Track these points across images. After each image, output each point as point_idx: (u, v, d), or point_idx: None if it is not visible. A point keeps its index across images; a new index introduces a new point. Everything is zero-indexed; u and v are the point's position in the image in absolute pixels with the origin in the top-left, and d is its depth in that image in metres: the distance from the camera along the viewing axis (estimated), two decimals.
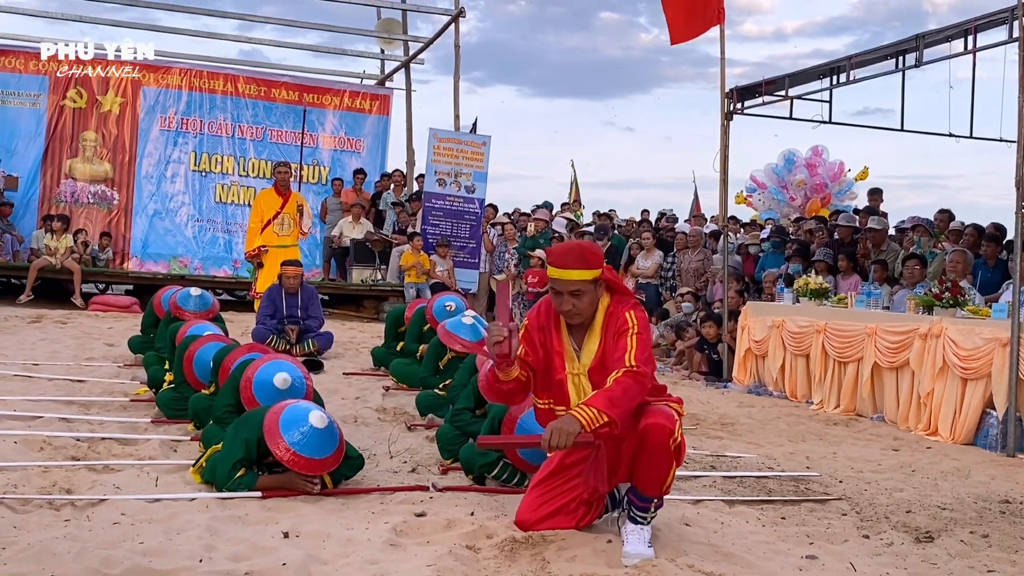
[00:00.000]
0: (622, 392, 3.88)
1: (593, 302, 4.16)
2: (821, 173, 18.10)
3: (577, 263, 4.11)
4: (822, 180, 18.00)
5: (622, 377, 3.92)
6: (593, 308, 4.18)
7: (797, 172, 18.08)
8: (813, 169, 18.11)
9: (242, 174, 18.15)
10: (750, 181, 19.25)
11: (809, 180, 17.92)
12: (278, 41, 20.70)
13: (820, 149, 18.41)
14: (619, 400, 3.87)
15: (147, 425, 6.43)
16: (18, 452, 5.33)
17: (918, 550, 4.50)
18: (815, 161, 18.25)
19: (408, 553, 3.92)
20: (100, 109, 17.42)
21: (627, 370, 3.93)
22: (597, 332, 4.19)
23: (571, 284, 4.11)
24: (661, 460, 3.99)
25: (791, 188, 18.05)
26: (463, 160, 16.29)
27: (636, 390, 3.93)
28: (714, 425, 7.92)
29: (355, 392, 8.30)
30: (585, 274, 4.10)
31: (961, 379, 7.70)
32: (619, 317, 4.12)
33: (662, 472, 4.03)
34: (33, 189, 16.99)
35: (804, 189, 17.92)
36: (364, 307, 16.04)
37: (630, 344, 4.00)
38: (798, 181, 17.88)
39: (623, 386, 3.90)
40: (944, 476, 6.33)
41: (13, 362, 8.73)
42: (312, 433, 4.69)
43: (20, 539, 3.80)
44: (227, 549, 3.83)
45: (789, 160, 18.34)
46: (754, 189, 19.17)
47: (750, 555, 4.16)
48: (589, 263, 4.12)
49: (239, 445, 4.79)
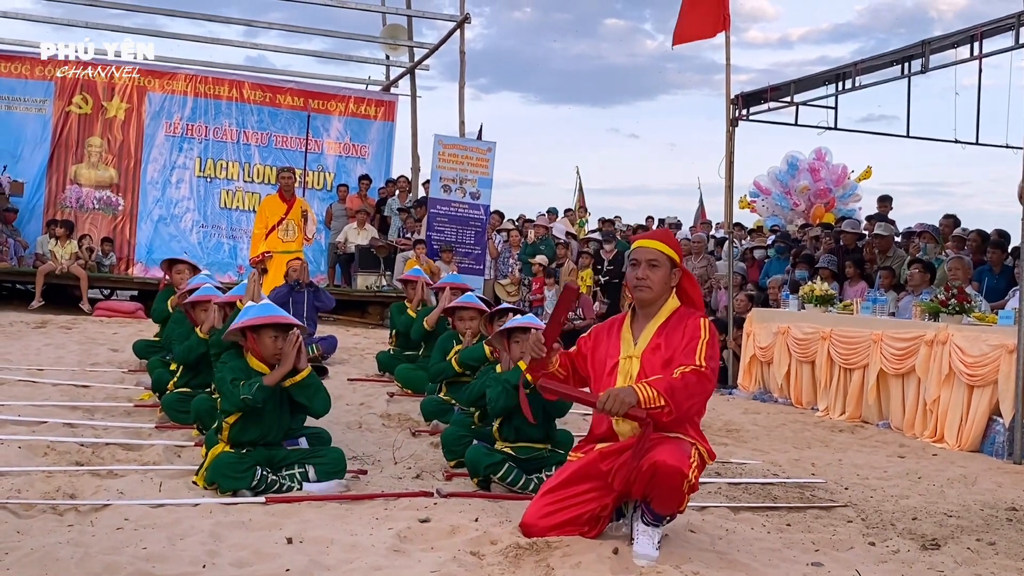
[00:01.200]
0: (684, 385, 3.96)
1: (665, 284, 4.30)
2: (824, 177, 18.04)
3: (662, 238, 4.40)
4: (826, 185, 17.95)
5: (689, 372, 4.00)
6: (663, 293, 4.31)
7: (801, 178, 18.02)
8: (816, 174, 18.05)
9: (247, 180, 18.16)
10: (753, 187, 19.18)
11: (813, 186, 17.86)
12: (283, 47, 20.66)
13: (823, 152, 18.33)
14: (679, 391, 3.94)
15: (151, 430, 6.42)
16: (22, 457, 5.32)
17: (924, 557, 4.48)
18: (818, 165, 18.17)
19: (412, 559, 3.90)
20: (105, 115, 17.45)
21: (695, 368, 4.01)
22: (658, 324, 4.28)
23: (650, 252, 4.31)
24: (673, 497, 4.01)
25: (795, 194, 17.99)
26: (468, 166, 16.27)
27: (698, 388, 4.00)
28: (719, 432, 7.90)
29: (360, 398, 8.29)
30: (666, 248, 4.32)
31: (967, 386, 7.68)
32: (692, 321, 4.22)
33: (674, 505, 4.06)
34: (38, 195, 17.02)
35: (808, 195, 17.86)
36: (369, 313, 16.03)
37: (701, 347, 4.10)
38: (802, 187, 17.82)
39: (687, 380, 3.98)
40: (950, 483, 6.30)
41: (18, 367, 8.74)
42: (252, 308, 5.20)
43: (23, 544, 3.79)
44: (230, 555, 3.82)
45: (792, 165, 18.28)
46: (757, 195, 19.11)
47: (755, 562, 4.14)
48: (672, 244, 4.37)
49: (226, 370, 5.08)
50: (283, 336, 5.09)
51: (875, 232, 11.78)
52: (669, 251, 4.32)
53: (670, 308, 4.31)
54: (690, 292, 4.39)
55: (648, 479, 3.98)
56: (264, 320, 5.09)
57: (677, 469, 3.90)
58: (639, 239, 4.47)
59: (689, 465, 3.95)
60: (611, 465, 4.11)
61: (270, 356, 5.11)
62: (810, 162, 18.24)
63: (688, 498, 4.08)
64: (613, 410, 3.91)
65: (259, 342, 5.11)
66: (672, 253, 4.33)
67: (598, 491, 4.23)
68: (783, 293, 11.28)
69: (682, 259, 4.42)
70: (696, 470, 4.00)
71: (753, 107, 11.35)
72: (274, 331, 5.09)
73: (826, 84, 11.00)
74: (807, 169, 18.10)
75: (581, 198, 24.20)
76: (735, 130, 11.17)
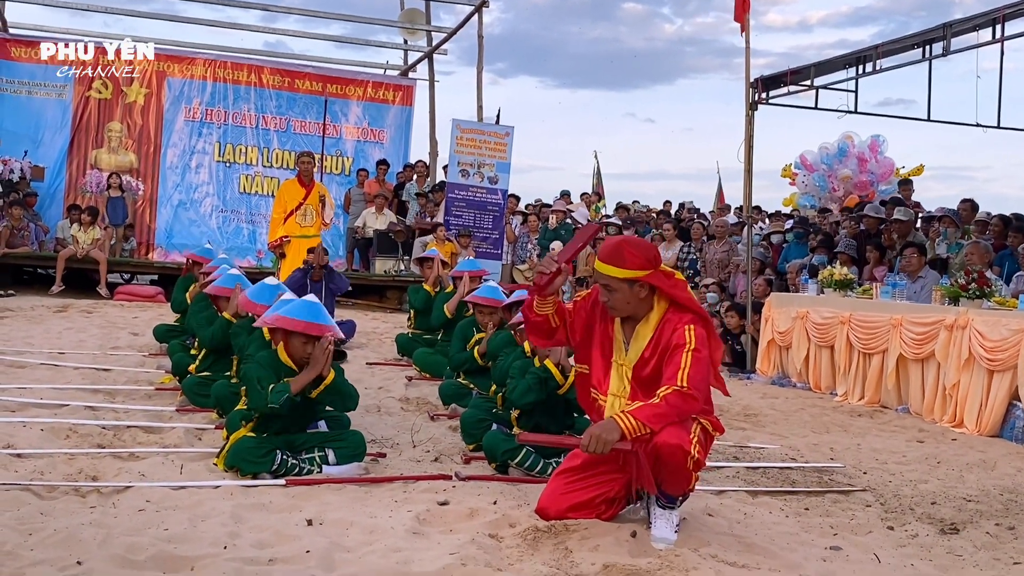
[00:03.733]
0: (667, 409, 3.91)
1: (629, 301, 4.15)
2: (871, 169, 17.68)
3: (613, 260, 4.13)
4: (868, 178, 17.61)
5: (671, 395, 3.93)
6: (636, 308, 4.18)
7: (847, 164, 17.66)
8: (863, 164, 17.64)
9: (266, 165, 18.22)
10: (799, 159, 18.79)
11: (855, 176, 17.49)
12: (301, 32, 20.67)
13: (879, 142, 17.89)
14: (664, 417, 3.90)
15: (172, 413, 6.47)
16: (44, 440, 5.37)
17: (943, 542, 4.48)
18: (868, 155, 17.76)
19: (431, 541, 3.92)
20: (125, 100, 17.53)
21: (677, 389, 3.93)
22: (647, 334, 4.18)
23: (602, 277, 4.16)
24: (679, 476, 4.02)
25: (835, 180, 17.68)
26: (486, 151, 16.27)
27: (683, 409, 3.95)
28: (737, 416, 7.89)
29: (378, 382, 8.32)
30: (616, 271, 4.11)
31: (987, 371, 7.64)
32: (677, 330, 4.09)
33: (683, 484, 4.07)
34: (59, 179, 17.12)
35: (848, 184, 17.54)
36: (387, 297, 16.07)
37: (684, 362, 3.98)
38: (844, 176, 17.50)
39: (670, 404, 3.92)
40: (969, 468, 6.28)
41: (40, 351, 8.80)
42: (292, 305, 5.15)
43: (47, 525, 3.83)
44: (251, 536, 3.85)
45: (842, 149, 17.86)
46: (800, 168, 18.74)
47: (773, 545, 4.15)
48: (625, 261, 4.11)
49: (253, 366, 5.05)
50: (313, 342, 5.02)
51: (895, 217, 11.70)
52: (621, 272, 4.09)
53: (657, 316, 4.18)
54: (671, 293, 4.18)
55: (652, 461, 4.00)
56: (296, 327, 5.00)
57: (677, 447, 3.91)
58: (599, 255, 4.21)
59: (690, 441, 3.94)
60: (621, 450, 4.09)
61: (299, 358, 5.08)
62: (861, 150, 17.85)
63: (696, 476, 4.09)
64: (598, 451, 3.87)
65: (289, 343, 5.08)
66: (625, 273, 4.08)
67: (612, 473, 4.26)
68: (802, 278, 11.24)
69: (648, 265, 4.12)
70: (699, 445, 3.99)
71: (773, 91, 11.28)
72: (305, 337, 5.03)
73: (846, 68, 10.89)
74: (855, 156, 17.73)
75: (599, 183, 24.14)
76: (754, 114, 11.10)
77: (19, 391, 6.79)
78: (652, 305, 4.20)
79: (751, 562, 3.87)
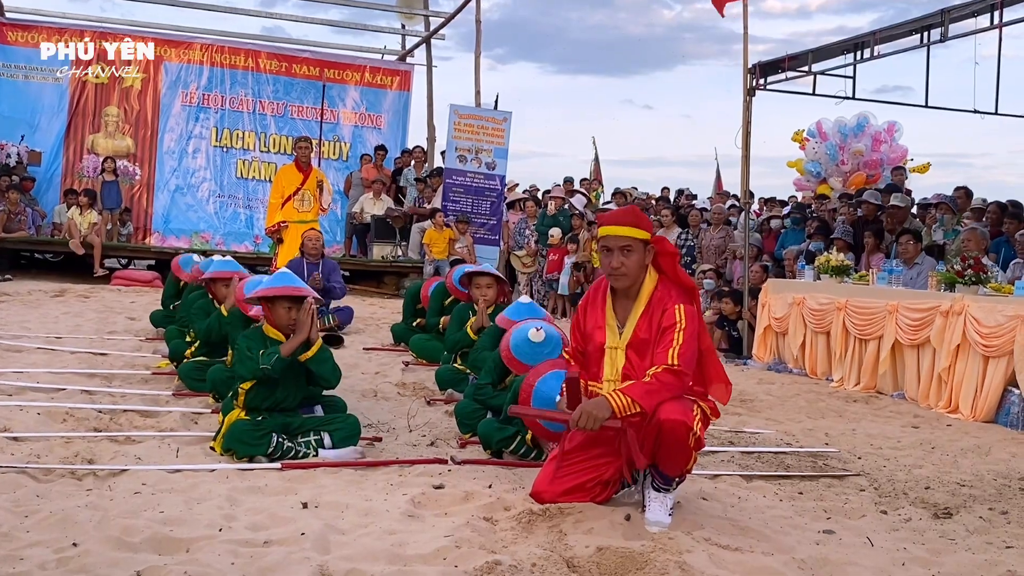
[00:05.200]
0: (659, 387, 3.98)
1: (641, 266, 4.21)
2: (883, 151, 17.54)
3: (630, 220, 4.24)
4: (879, 159, 17.48)
5: (662, 373, 3.99)
6: (640, 274, 4.22)
7: (862, 139, 17.48)
8: (877, 144, 17.49)
9: (263, 150, 18.21)
10: (815, 125, 18.52)
11: (868, 153, 17.33)
12: (299, 16, 20.60)
13: (896, 127, 17.75)
14: (655, 395, 3.97)
15: (168, 398, 6.48)
16: (41, 423, 5.39)
17: (936, 526, 4.49)
18: (884, 137, 17.61)
19: (426, 524, 3.94)
20: (122, 84, 17.52)
21: (668, 368, 4.00)
22: (640, 308, 4.21)
23: (622, 240, 4.18)
24: (680, 454, 4.05)
25: (846, 153, 17.49)
26: (484, 136, 16.23)
27: (674, 387, 4.02)
28: (733, 401, 7.86)
29: (375, 367, 8.33)
30: (636, 232, 4.19)
31: (983, 356, 7.65)
32: (667, 308, 4.14)
33: (682, 462, 4.10)
34: (56, 164, 17.12)
35: (859, 160, 17.39)
36: (385, 283, 16.09)
37: (676, 340, 4.05)
38: (856, 150, 17.32)
39: (662, 382, 3.98)
40: (964, 453, 6.30)
41: (36, 335, 8.82)
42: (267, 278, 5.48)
43: (43, 507, 3.85)
44: (246, 519, 3.87)
45: (861, 124, 17.64)
46: (814, 134, 18.46)
47: (767, 529, 4.16)
48: (641, 223, 4.24)
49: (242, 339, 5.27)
50: (297, 307, 5.16)
51: (891, 204, 11.70)
52: (640, 233, 4.19)
53: (649, 288, 4.22)
54: (664, 265, 4.27)
55: (654, 437, 4.02)
56: (277, 292, 5.15)
57: (681, 422, 3.94)
58: (606, 223, 4.31)
59: (693, 418, 3.99)
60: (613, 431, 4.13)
61: (285, 326, 5.18)
62: (878, 130, 17.68)
63: (695, 456, 4.12)
64: (587, 426, 3.94)
65: (273, 312, 5.19)
66: (643, 234, 4.20)
67: (606, 456, 4.28)
68: (799, 264, 11.24)
69: (652, 232, 4.29)
70: (700, 423, 4.04)
71: (770, 76, 11.26)
72: (288, 302, 5.16)
73: (844, 53, 10.88)
74: (871, 134, 17.55)
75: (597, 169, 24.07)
76: (752, 100, 11.09)
77: (16, 375, 6.81)
78: (646, 277, 4.25)
79: (744, 545, 3.88)
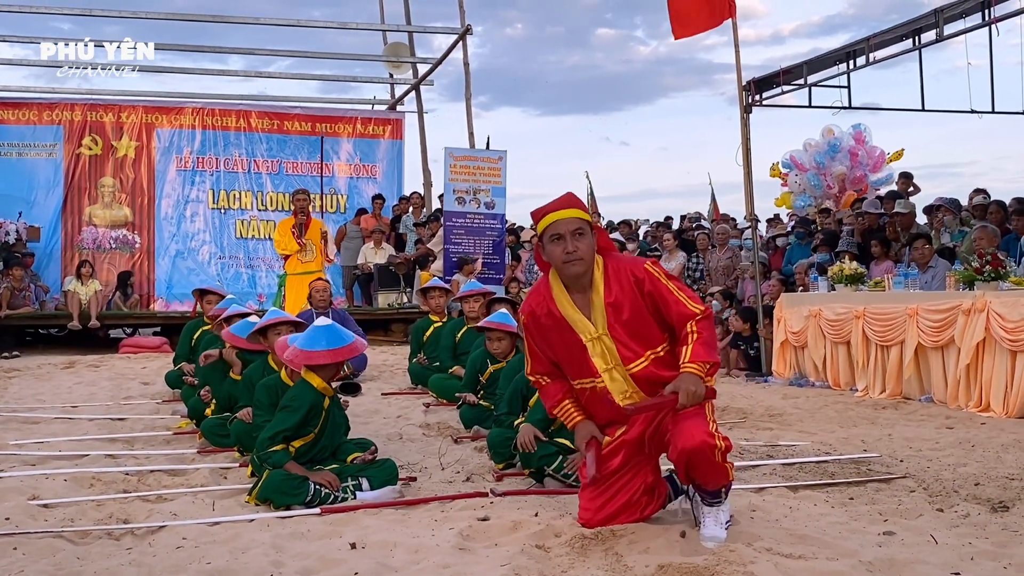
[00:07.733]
0: (710, 335, 4.05)
1: (593, 248, 4.12)
2: (862, 162, 17.51)
3: (574, 203, 4.17)
4: (862, 171, 17.45)
5: (698, 324, 4.03)
6: (592, 257, 4.12)
7: (839, 162, 17.46)
8: (855, 158, 17.42)
9: (261, 208, 18.22)
10: (788, 158, 18.46)
11: (850, 173, 17.32)
12: (287, 74, 20.71)
13: (863, 133, 17.69)
14: (712, 342, 4.04)
15: (194, 455, 6.36)
16: (69, 489, 5.26)
17: (996, 519, 4.39)
18: (857, 148, 17.58)
19: (479, 555, 3.83)
20: (116, 154, 17.56)
21: (698, 317, 4.03)
22: (600, 292, 4.11)
23: (573, 223, 4.08)
24: (712, 470, 3.95)
25: (830, 177, 17.47)
26: (480, 177, 16.18)
27: (712, 327, 4.13)
28: (762, 417, 7.81)
29: (396, 411, 8.22)
30: (583, 214, 4.13)
31: (1010, 352, 7.56)
32: (638, 272, 4.09)
33: (720, 475, 3.99)
34: (55, 238, 17.10)
35: (844, 181, 17.38)
36: (393, 331, 15.99)
37: (676, 292, 4.07)
38: (838, 173, 17.31)
39: (708, 330, 4.05)
40: (1006, 449, 6.20)
41: (52, 406, 8.70)
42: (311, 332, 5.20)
43: (86, 568, 3.74)
44: (296, 564, 3.75)
45: (833, 147, 17.61)
46: (790, 167, 18.40)
47: (825, 536, 4.06)
48: (582, 206, 4.19)
49: (280, 417, 5.09)
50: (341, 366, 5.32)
51: (896, 210, 11.68)
52: (586, 215, 4.13)
53: (600, 272, 4.13)
54: (602, 243, 4.22)
55: (684, 467, 3.95)
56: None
57: (702, 444, 3.85)
58: (549, 211, 4.13)
59: (711, 433, 3.89)
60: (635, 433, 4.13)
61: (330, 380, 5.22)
62: (850, 146, 17.66)
63: (730, 464, 4.01)
64: (694, 401, 3.87)
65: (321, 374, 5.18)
66: (588, 216, 4.15)
67: (634, 465, 4.20)
68: (811, 276, 11.18)
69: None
70: (715, 424, 3.97)
71: (765, 92, 11.27)
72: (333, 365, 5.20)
73: (838, 63, 10.90)
74: (847, 151, 17.52)
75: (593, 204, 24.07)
76: (749, 116, 11.07)
77: (36, 445, 6.68)
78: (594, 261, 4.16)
79: (807, 552, 3.77)
